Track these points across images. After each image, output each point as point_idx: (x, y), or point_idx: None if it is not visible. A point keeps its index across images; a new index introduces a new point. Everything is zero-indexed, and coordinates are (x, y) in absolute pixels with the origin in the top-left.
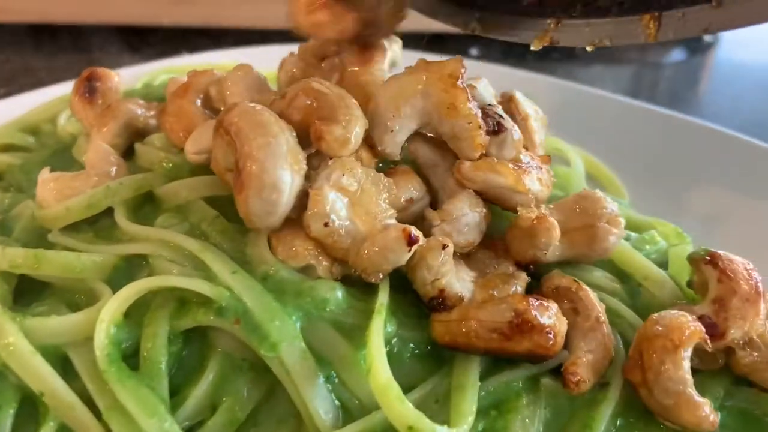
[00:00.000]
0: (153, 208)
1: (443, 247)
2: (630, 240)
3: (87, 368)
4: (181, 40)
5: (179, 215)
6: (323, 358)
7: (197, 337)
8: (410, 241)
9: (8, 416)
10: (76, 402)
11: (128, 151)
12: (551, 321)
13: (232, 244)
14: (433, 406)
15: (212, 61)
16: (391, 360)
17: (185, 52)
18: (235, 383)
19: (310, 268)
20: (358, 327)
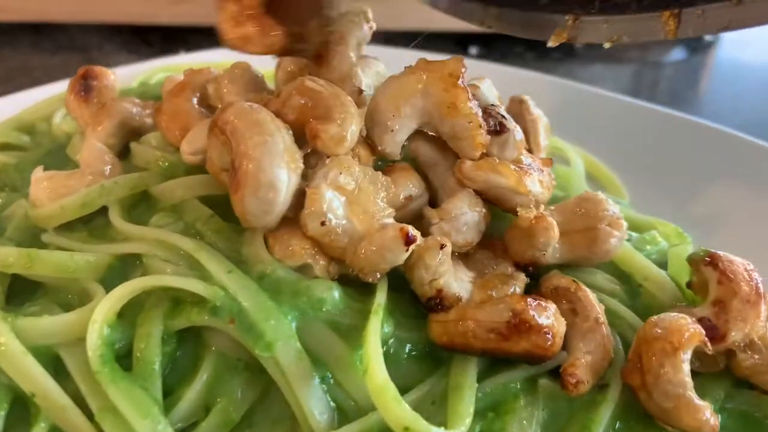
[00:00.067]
0: (148, 208)
1: (441, 246)
2: (631, 240)
3: (79, 369)
4: (178, 39)
5: (174, 214)
6: (319, 359)
7: (191, 337)
8: (408, 241)
9: None
10: (68, 403)
11: (124, 151)
12: (549, 321)
13: (227, 243)
14: (430, 407)
15: (209, 60)
16: (388, 361)
17: (182, 51)
18: (230, 384)
19: (306, 268)
20: (354, 327)
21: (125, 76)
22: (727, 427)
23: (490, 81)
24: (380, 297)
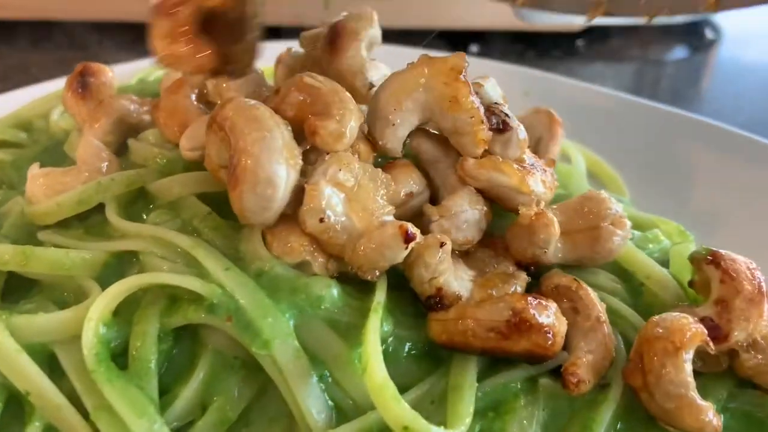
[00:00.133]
0: (145, 205)
1: (441, 245)
2: (633, 239)
3: (74, 367)
4: None
5: (171, 212)
6: (317, 357)
7: (188, 335)
8: (407, 238)
9: None
10: (63, 402)
11: (121, 148)
12: (550, 320)
13: (225, 240)
14: (429, 406)
15: None
16: (387, 359)
17: None
18: (227, 382)
19: (305, 265)
20: (353, 325)
21: (124, 73)
22: (729, 427)
23: (494, 80)
24: (380, 295)
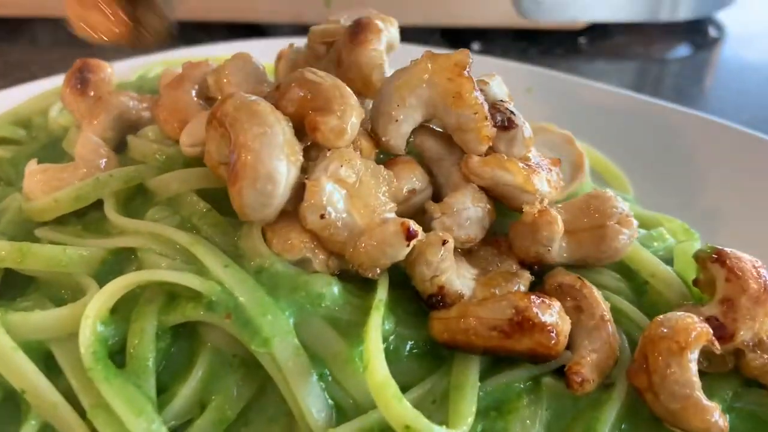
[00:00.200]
0: (144, 201)
1: (443, 242)
2: (637, 237)
3: (71, 365)
4: (177, 34)
5: (170, 208)
6: (317, 355)
7: (186, 332)
8: (409, 236)
9: None
10: (59, 400)
11: (120, 145)
12: (553, 319)
13: (224, 237)
14: (431, 406)
15: (208, 54)
16: (388, 358)
17: (181, 46)
18: (225, 380)
19: (305, 262)
20: (354, 323)
21: (124, 70)
22: (735, 427)
23: (500, 78)
24: (381, 293)
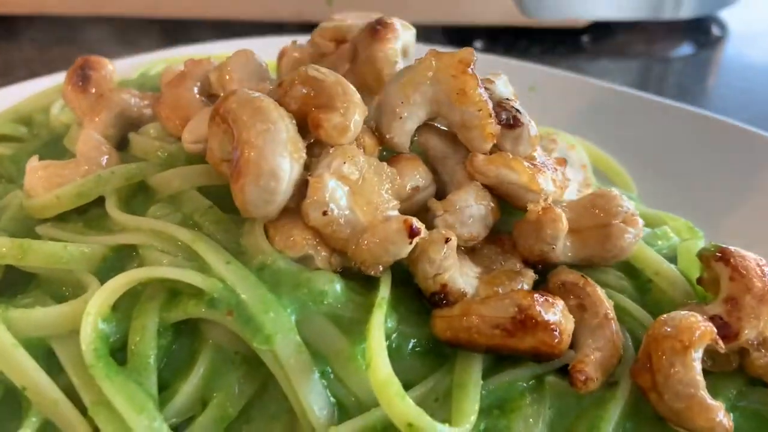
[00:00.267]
0: (145, 198)
1: (446, 240)
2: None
3: (72, 362)
4: (179, 32)
5: (172, 205)
6: (319, 353)
7: (188, 329)
8: (411, 233)
9: None
10: (60, 397)
11: (122, 143)
12: (557, 318)
13: (226, 234)
14: (433, 404)
15: (210, 52)
16: (391, 356)
17: (183, 44)
18: (227, 378)
19: (308, 258)
20: (356, 321)
21: (125, 68)
22: (739, 426)
23: (506, 78)
24: (384, 291)
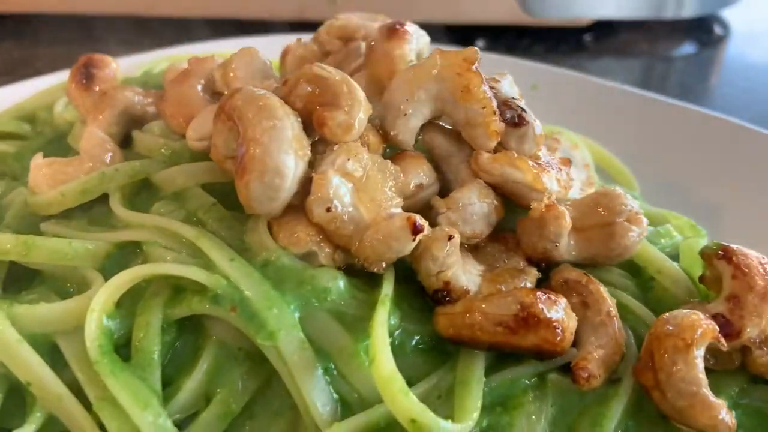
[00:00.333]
0: (149, 196)
1: (449, 238)
2: None
3: (77, 358)
4: (181, 30)
5: (176, 202)
6: (322, 350)
7: (192, 326)
8: (414, 230)
9: None
10: (65, 392)
11: (125, 140)
12: (559, 315)
13: (230, 231)
14: (436, 401)
15: (213, 50)
16: (394, 352)
17: (186, 42)
18: (230, 374)
19: (311, 255)
20: (359, 318)
21: (129, 66)
22: (741, 424)
23: (511, 78)
24: (387, 288)
